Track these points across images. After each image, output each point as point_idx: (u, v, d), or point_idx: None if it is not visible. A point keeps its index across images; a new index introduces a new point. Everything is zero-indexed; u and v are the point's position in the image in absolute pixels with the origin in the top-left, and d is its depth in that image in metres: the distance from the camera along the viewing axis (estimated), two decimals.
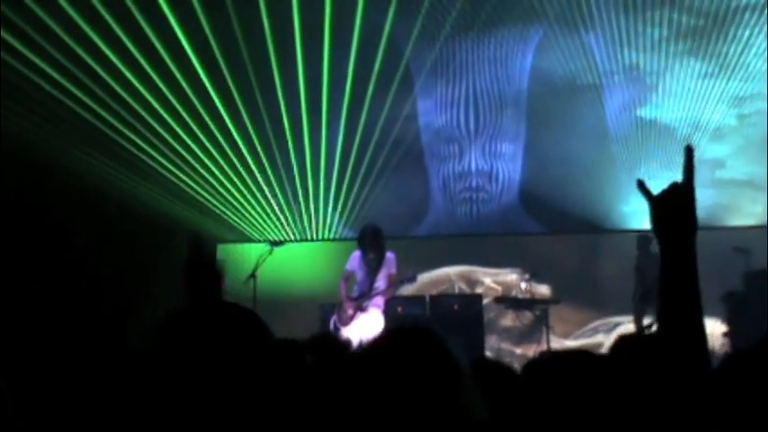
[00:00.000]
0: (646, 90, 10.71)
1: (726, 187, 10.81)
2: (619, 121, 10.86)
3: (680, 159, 1.89)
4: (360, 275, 8.37)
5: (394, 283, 8.28)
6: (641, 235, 9.80)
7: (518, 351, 10.83)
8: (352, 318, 8.36)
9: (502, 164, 11.13)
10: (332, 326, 8.42)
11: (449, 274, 11.10)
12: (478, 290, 10.86)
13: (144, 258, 10.03)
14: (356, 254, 8.41)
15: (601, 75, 10.55)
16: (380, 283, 8.22)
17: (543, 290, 10.57)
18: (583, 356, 2.01)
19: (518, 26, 10.43)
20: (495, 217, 11.17)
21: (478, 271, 11.18)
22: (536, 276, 10.23)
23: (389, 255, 8.28)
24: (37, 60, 8.83)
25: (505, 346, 10.81)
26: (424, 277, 10.43)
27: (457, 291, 10.98)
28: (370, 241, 8.24)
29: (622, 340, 2.81)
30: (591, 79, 10.60)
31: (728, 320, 9.14)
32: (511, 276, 11.00)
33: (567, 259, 10.85)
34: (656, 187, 1.89)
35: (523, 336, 10.74)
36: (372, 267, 8.23)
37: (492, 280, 11.14)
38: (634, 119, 10.86)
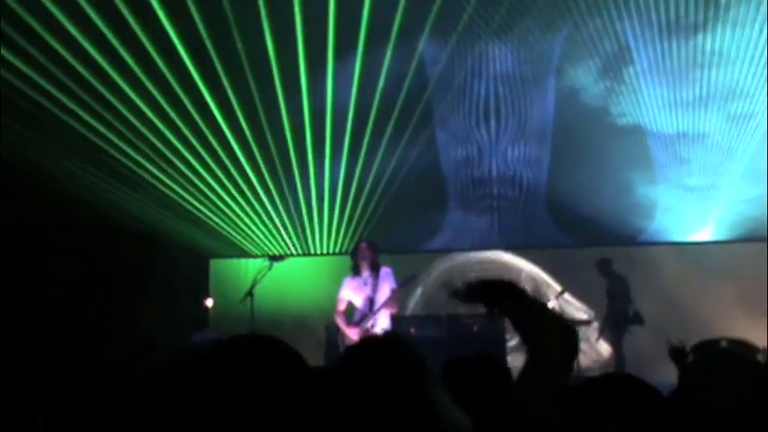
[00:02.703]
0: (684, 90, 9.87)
1: None
2: (656, 121, 10.08)
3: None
4: (357, 300, 7.84)
5: (396, 293, 7.75)
6: (602, 259, 9.72)
7: None
8: None
9: (526, 169, 10.45)
10: None
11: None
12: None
13: (131, 274, 9.74)
14: (347, 279, 7.92)
15: (638, 71, 9.76)
16: (382, 300, 7.69)
17: (573, 308, 9.78)
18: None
19: (544, 17, 9.66)
20: (518, 227, 10.52)
21: None
22: (565, 293, 9.57)
23: (386, 269, 7.79)
24: (26, 69, 8.65)
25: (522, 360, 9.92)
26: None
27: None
28: (365, 256, 7.76)
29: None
30: (625, 76, 9.85)
31: None
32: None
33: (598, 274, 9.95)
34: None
35: None
36: (370, 286, 7.72)
37: None
38: (672, 120, 10.09)
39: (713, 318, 9.21)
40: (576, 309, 9.96)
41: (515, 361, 9.90)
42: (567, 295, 9.61)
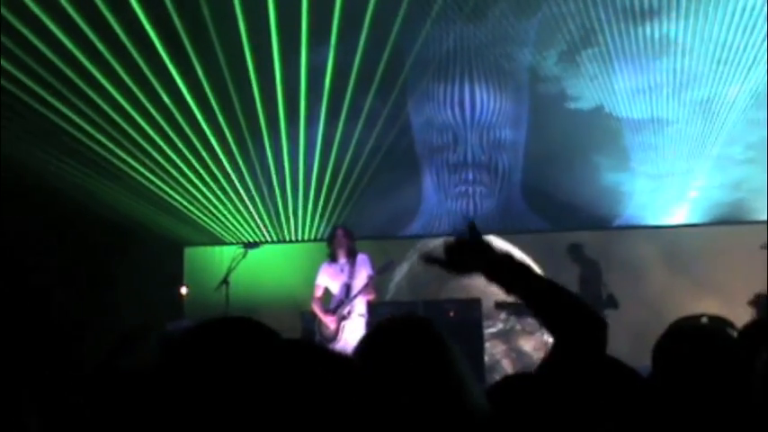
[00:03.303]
0: (656, 76, 9.91)
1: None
2: (630, 106, 10.09)
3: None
4: (334, 286, 7.79)
5: (373, 279, 7.72)
6: (572, 244, 9.70)
7: (520, 361, 10.01)
8: (336, 331, 7.68)
9: (501, 154, 10.39)
10: None
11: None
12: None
13: (102, 263, 9.59)
14: (323, 265, 7.87)
15: (611, 53, 9.73)
16: (359, 286, 7.66)
17: None
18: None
19: (518, 0, 9.66)
20: (494, 213, 10.43)
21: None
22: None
23: (362, 255, 7.78)
24: None
25: (506, 355, 9.92)
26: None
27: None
28: (342, 243, 7.73)
29: None
30: (600, 58, 9.81)
31: None
32: None
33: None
34: None
35: (526, 344, 9.84)
36: (346, 273, 7.68)
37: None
38: (646, 104, 10.09)
39: (686, 300, 9.25)
40: None
41: (494, 348, 9.93)
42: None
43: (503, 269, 1.97)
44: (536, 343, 9.77)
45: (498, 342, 10.17)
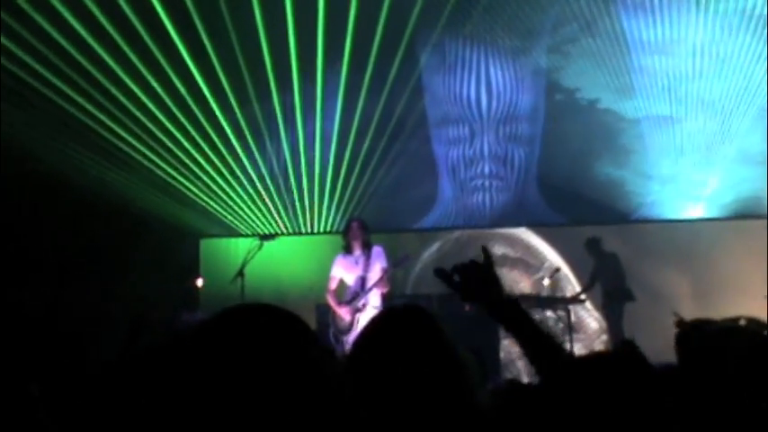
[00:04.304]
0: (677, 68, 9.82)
1: None
2: (649, 99, 9.98)
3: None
4: (349, 279, 7.78)
5: (388, 273, 7.71)
6: (590, 238, 9.60)
7: None
8: (351, 323, 7.63)
9: (518, 147, 10.29)
10: (332, 338, 7.72)
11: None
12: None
13: (117, 254, 9.59)
14: (338, 257, 7.87)
15: (630, 46, 9.66)
16: (374, 279, 7.64)
17: (568, 287, 9.75)
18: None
19: None
20: (510, 207, 10.35)
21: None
22: (560, 272, 9.56)
23: (377, 248, 7.74)
24: (8, 44, 8.49)
25: (522, 356, 9.78)
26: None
27: None
28: (357, 235, 7.71)
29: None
30: (618, 51, 9.73)
31: None
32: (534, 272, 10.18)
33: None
34: None
35: None
36: (361, 265, 7.66)
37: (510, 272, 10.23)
38: (665, 97, 10.00)
39: (709, 295, 9.18)
40: (572, 285, 9.86)
41: (512, 346, 9.82)
42: (563, 271, 9.56)
43: (505, 312, 2.07)
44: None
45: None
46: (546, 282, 9.55)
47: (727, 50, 9.53)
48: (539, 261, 10.24)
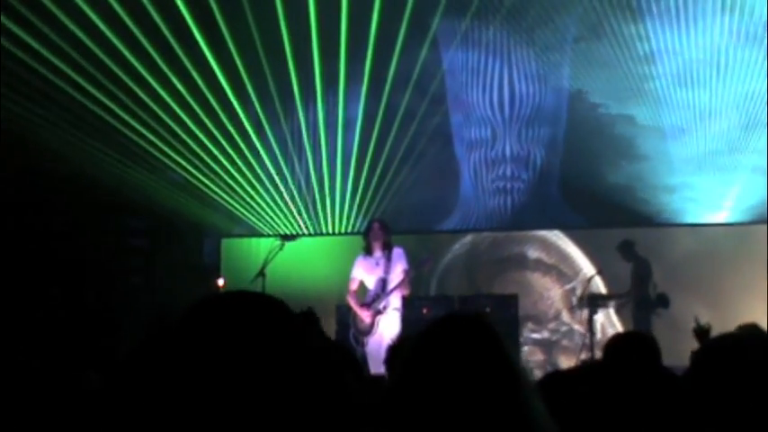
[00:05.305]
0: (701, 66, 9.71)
1: None
2: (674, 98, 9.84)
3: None
4: (369, 280, 7.77)
5: (409, 275, 7.69)
6: (624, 241, 9.44)
7: (558, 361, 9.88)
8: (372, 326, 7.64)
9: (540, 149, 10.23)
10: (352, 339, 7.72)
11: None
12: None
13: (141, 254, 9.82)
14: (359, 259, 7.86)
15: (654, 49, 9.57)
16: (395, 280, 7.62)
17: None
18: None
19: None
20: (532, 209, 10.28)
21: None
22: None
23: (398, 249, 7.74)
24: (33, 43, 8.53)
25: (541, 367, 9.75)
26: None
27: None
28: (378, 236, 7.69)
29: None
30: (643, 53, 9.64)
31: None
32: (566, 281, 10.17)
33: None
34: None
35: (565, 360, 9.72)
36: (382, 266, 7.65)
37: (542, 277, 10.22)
38: (690, 96, 9.86)
39: (733, 301, 9.07)
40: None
41: (532, 355, 9.80)
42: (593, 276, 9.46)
43: None
44: (575, 363, 9.57)
45: (538, 350, 10.05)
46: (578, 291, 9.46)
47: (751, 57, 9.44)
48: (573, 271, 10.14)
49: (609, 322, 9.61)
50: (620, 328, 9.35)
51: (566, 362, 9.62)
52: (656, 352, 3.27)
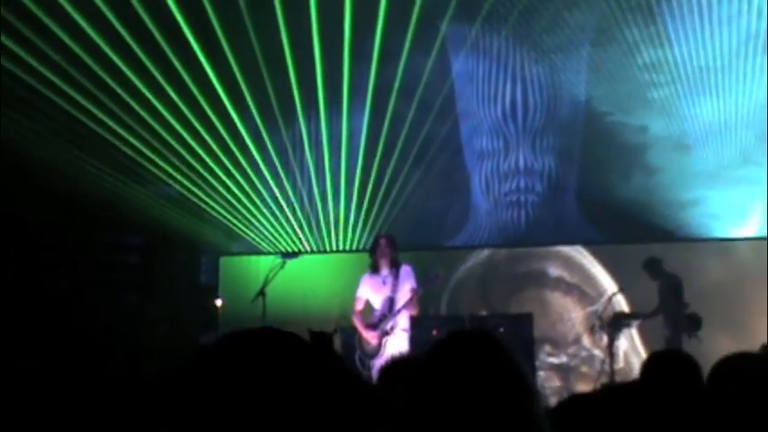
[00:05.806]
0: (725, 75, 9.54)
1: None
2: (695, 108, 9.65)
3: None
4: (376, 299, 7.50)
5: (418, 294, 7.42)
6: (651, 258, 9.09)
7: (575, 388, 9.59)
8: (378, 347, 7.37)
9: (555, 161, 10.06)
10: (357, 362, 7.48)
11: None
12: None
13: (136, 272, 9.66)
14: (365, 277, 7.60)
15: (676, 56, 9.37)
16: (403, 300, 7.37)
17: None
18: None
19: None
20: (547, 223, 10.10)
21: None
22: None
23: (406, 267, 7.47)
24: (27, 57, 8.45)
25: (557, 393, 9.45)
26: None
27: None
28: (385, 253, 7.43)
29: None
30: (661, 60, 9.44)
31: None
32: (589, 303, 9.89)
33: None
34: None
35: (582, 387, 9.43)
36: (389, 285, 7.39)
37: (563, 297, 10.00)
38: (713, 106, 9.67)
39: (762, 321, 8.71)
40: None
41: (548, 380, 9.52)
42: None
43: None
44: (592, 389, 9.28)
45: (554, 375, 9.83)
46: (599, 314, 9.11)
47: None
48: (597, 292, 9.82)
49: (632, 348, 9.26)
50: (644, 355, 8.93)
51: (583, 389, 9.28)
52: (698, 373, 3.06)
